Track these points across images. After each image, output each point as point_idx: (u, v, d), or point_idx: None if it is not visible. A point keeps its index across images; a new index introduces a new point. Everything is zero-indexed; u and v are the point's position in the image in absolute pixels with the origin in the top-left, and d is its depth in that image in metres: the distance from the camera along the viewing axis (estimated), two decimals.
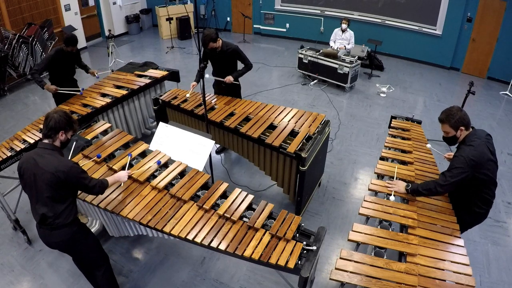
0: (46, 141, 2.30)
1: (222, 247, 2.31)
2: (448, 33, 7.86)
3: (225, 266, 3.33)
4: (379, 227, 2.55)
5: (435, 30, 8.04)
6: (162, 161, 3.07)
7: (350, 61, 6.68)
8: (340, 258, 2.25)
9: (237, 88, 4.48)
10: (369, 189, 2.93)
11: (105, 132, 3.62)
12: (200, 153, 3.09)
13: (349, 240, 2.41)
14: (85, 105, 4.16)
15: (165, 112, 4.56)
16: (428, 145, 3.28)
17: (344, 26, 7.06)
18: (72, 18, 8.67)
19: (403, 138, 3.63)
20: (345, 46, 7.17)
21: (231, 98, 4.32)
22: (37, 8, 7.71)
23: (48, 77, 4.61)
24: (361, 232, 2.44)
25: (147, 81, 4.76)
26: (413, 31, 8.32)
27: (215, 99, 4.30)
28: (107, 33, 8.27)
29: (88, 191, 2.45)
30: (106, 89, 4.51)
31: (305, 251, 2.30)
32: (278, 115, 3.91)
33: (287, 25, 9.96)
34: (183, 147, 3.17)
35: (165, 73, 4.98)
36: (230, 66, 4.32)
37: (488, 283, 3.18)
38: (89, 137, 3.48)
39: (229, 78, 4.20)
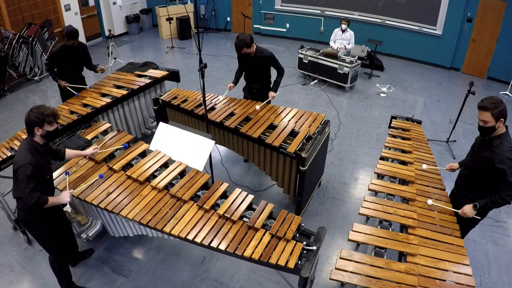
0: (29, 136, 2.49)
1: (222, 247, 2.31)
2: (448, 33, 7.86)
3: (225, 266, 3.33)
4: (379, 227, 2.55)
5: (435, 30, 8.04)
6: (162, 161, 3.08)
7: (350, 61, 6.68)
8: (340, 258, 2.25)
9: (267, 92, 4.22)
10: (369, 189, 2.93)
11: (105, 132, 3.62)
12: (200, 153, 3.09)
13: (349, 240, 2.41)
14: (85, 105, 4.16)
15: (165, 112, 4.56)
16: (424, 166, 3.15)
17: (344, 26, 7.05)
18: (72, 18, 8.66)
19: (403, 138, 3.63)
20: (345, 46, 7.17)
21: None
22: (37, 8, 7.70)
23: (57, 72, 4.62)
24: (361, 232, 2.45)
25: (147, 81, 4.76)
26: (413, 31, 8.31)
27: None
28: (107, 33, 8.26)
29: (23, 195, 2.37)
30: (106, 89, 4.51)
31: (305, 251, 2.30)
32: (278, 115, 3.91)
33: (287, 25, 9.96)
34: (183, 147, 3.17)
35: (165, 73, 4.98)
36: (263, 72, 4.18)
37: (488, 283, 3.18)
38: (89, 137, 3.48)
39: (272, 94, 4.09)
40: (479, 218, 2.57)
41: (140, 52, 9.12)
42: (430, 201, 2.69)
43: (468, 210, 2.55)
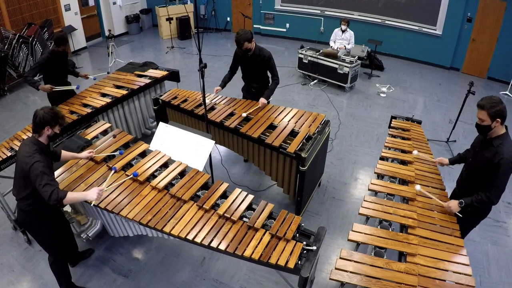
0: (35, 135, 2.50)
1: (222, 247, 2.31)
2: (448, 33, 7.86)
3: (225, 266, 3.33)
4: (379, 227, 2.55)
5: (435, 30, 8.04)
6: (162, 161, 3.08)
7: (350, 61, 6.68)
8: (340, 258, 2.25)
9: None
10: (369, 189, 2.93)
11: (105, 132, 3.62)
12: (200, 153, 3.09)
13: (349, 240, 2.41)
14: (85, 105, 4.16)
15: (165, 112, 4.56)
16: (415, 152, 3.20)
17: (343, 27, 7.06)
18: (72, 18, 8.66)
19: (403, 138, 3.63)
20: (345, 46, 7.17)
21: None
22: (37, 8, 7.70)
23: (42, 80, 4.50)
24: (361, 232, 2.45)
25: (147, 81, 4.76)
26: (413, 31, 8.31)
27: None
28: (107, 33, 8.26)
29: (41, 193, 2.36)
30: (106, 89, 4.51)
31: (305, 251, 2.30)
32: (278, 115, 3.91)
33: (287, 25, 9.96)
34: (183, 147, 3.17)
35: (165, 73, 4.98)
36: (260, 72, 4.16)
37: (488, 283, 3.18)
38: (89, 137, 3.48)
39: (262, 101, 4.01)
40: (461, 216, 2.59)
41: (140, 52, 9.12)
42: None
43: (453, 204, 2.59)
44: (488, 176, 2.50)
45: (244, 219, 2.54)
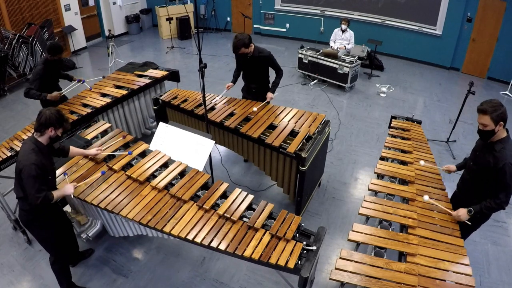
0: (35, 134, 2.47)
1: (222, 247, 2.31)
2: (448, 33, 7.86)
3: (225, 266, 3.33)
4: (379, 227, 2.55)
5: (435, 30, 8.04)
6: (162, 161, 3.08)
7: (350, 61, 6.68)
8: (340, 258, 2.25)
9: (265, 92, 4.18)
10: (369, 189, 2.93)
11: (105, 132, 3.62)
12: (200, 153, 3.10)
13: (349, 240, 2.41)
14: (85, 105, 4.16)
15: (165, 112, 4.56)
16: (422, 162, 3.12)
17: (343, 26, 7.06)
18: (72, 18, 8.66)
19: (403, 138, 3.63)
20: (345, 46, 7.17)
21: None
22: (37, 8, 7.70)
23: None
24: (361, 232, 2.45)
25: (147, 81, 4.76)
26: (413, 31, 8.31)
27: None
28: (107, 33, 8.26)
29: (29, 195, 2.39)
30: (106, 89, 4.51)
31: (305, 251, 2.30)
32: (278, 115, 3.91)
33: (287, 25, 9.96)
34: (183, 147, 3.17)
35: (165, 73, 4.98)
36: (261, 71, 4.16)
37: (488, 283, 3.18)
38: (89, 137, 3.48)
39: (270, 96, 4.05)
40: (470, 223, 2.55)
41: (140, 52, 9.12)
42: (426, 197, 2.65)
43: (462, 213, 2.54)
44: (492, 180, 2.48)
45: (244, 219, 2.54)
